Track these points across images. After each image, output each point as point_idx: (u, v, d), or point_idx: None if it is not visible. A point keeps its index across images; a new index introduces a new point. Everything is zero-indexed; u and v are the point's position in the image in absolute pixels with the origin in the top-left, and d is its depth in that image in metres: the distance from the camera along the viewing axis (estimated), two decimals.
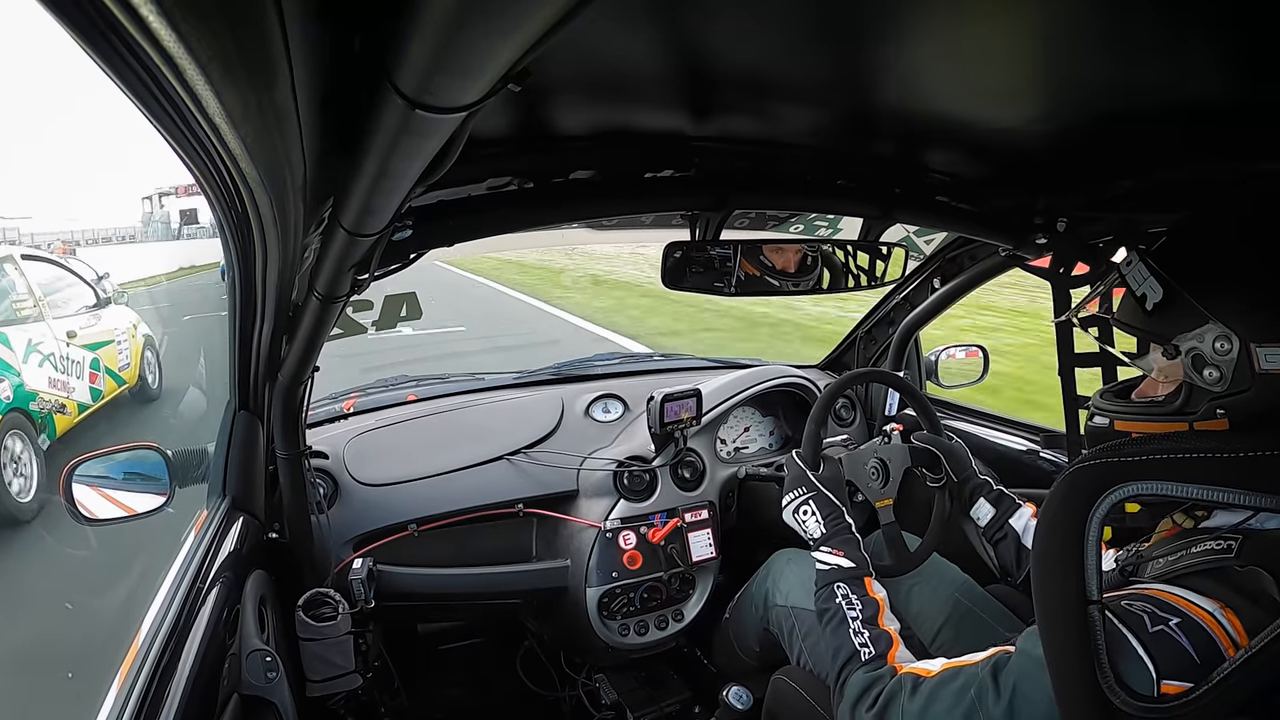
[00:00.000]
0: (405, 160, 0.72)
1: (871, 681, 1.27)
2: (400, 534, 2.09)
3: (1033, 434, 2.32)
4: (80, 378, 6.17)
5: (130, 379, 7.12)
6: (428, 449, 2.28)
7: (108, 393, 6.60)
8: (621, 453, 2.31)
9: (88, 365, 6.33)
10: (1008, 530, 1.61)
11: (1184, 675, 0.89)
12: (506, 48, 0.51)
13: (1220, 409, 1.06)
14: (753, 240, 1.48)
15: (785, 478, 1.67)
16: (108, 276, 8.82)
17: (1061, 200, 1.57)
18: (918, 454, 1.73)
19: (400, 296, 1.58)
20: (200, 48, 0.46)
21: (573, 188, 1.33)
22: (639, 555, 2.19)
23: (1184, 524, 1.11)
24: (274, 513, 1.84)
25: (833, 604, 1.42)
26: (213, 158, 0.72)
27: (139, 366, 7.31)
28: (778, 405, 2.74)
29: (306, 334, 1.40)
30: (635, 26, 0.85)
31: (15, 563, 4.58)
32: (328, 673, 1.73)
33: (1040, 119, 1.19)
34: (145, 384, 7.42)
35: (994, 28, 0.85)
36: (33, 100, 77.46)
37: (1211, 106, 1.07)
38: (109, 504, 1.52)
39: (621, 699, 2.28)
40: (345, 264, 1.09)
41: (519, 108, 1.09)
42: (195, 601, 1.31)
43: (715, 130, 1.29)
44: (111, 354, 6.77)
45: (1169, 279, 1.09)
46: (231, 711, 1.22)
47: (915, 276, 2.49)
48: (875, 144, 1.41)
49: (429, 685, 2.53)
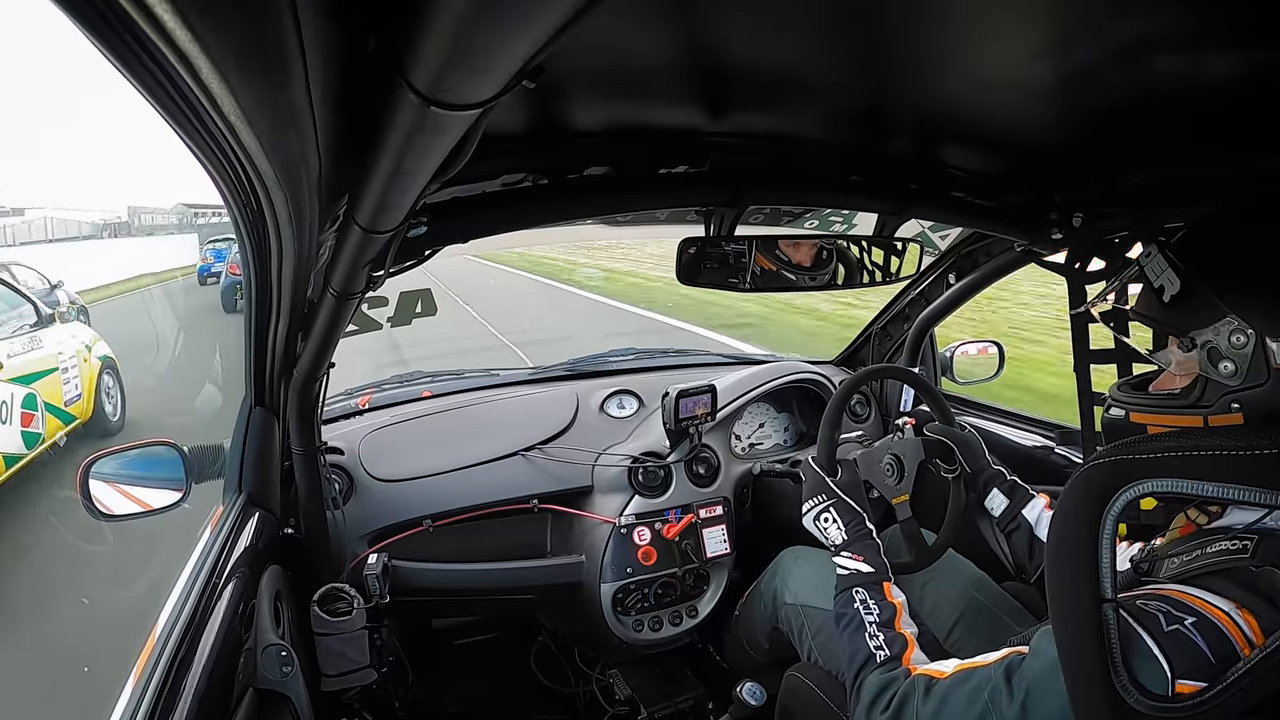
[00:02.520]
0: (420, 157, 0.72)
1: (886, 683, 1.27)
2: (415, 529, 2.10)
3: (1047, 430, 2.31)
4: (6, 423, 5.01)
5: (82, 413, 5.96)
6: (443, 445, 2.28)
7: (50, 434, 5.45)
8: (636, 448, 2.31)
9: (18, 405, 5.16)
10: (1021, 521, 1.61)
11: (1199, 675, 0.88)
12: (521, 44, 0.51)
13: (1235, 403, 1.05)
14: (768, 236, 1.47)
15: (803, 485, 1.66)
16: (61, 286, 7.98)
17: (1077, 195, 1.56)
18: (931, 446, 1.72)
19: (415, 293, 1.59)
20: (215, 46, 0.46)
21: (587, 184, 1.33)
22: (653, 551, 2.19)
23: (1198, 520, 1.10)
24: (289, 508, 1.85)
25: (850, 609, 1.42)
26: (228, 155, 0.72)
27: (93, 397, 6.15)
28: (792, 401, 2.73)
29: (322, 330, 1.41)
30: (649, 22, 0.85)
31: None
32: (343, 667, 1.74)
33: (1055, 114, 1.18)
34: (102, 415, 6.26)
35: (1010, 21, 0.84)
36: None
37: (1228, 102, 1.06)
38: (126, 500, 1.53)
39: (635, 694, 2.29)
40: (360, 261, 1.09)
41: (533, 104, 1.08)
42: (211, 596, 1.32)
43: (730, 126, 1.28)
44: (54, 385, 5.62)
45: (1187, 271, 1.08)
46: (247, 705, 1.22)
47: (930, 272, 2.47)
48: (890, 139, 1.40)
49: (443, 680, 2.55)
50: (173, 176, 30.61)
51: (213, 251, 17.66)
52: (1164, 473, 0.92)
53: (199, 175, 0.79)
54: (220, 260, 16.36)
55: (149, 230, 26.36)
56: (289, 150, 0.69)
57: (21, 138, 54.27)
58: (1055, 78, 1.02)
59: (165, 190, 35.43)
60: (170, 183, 30.55)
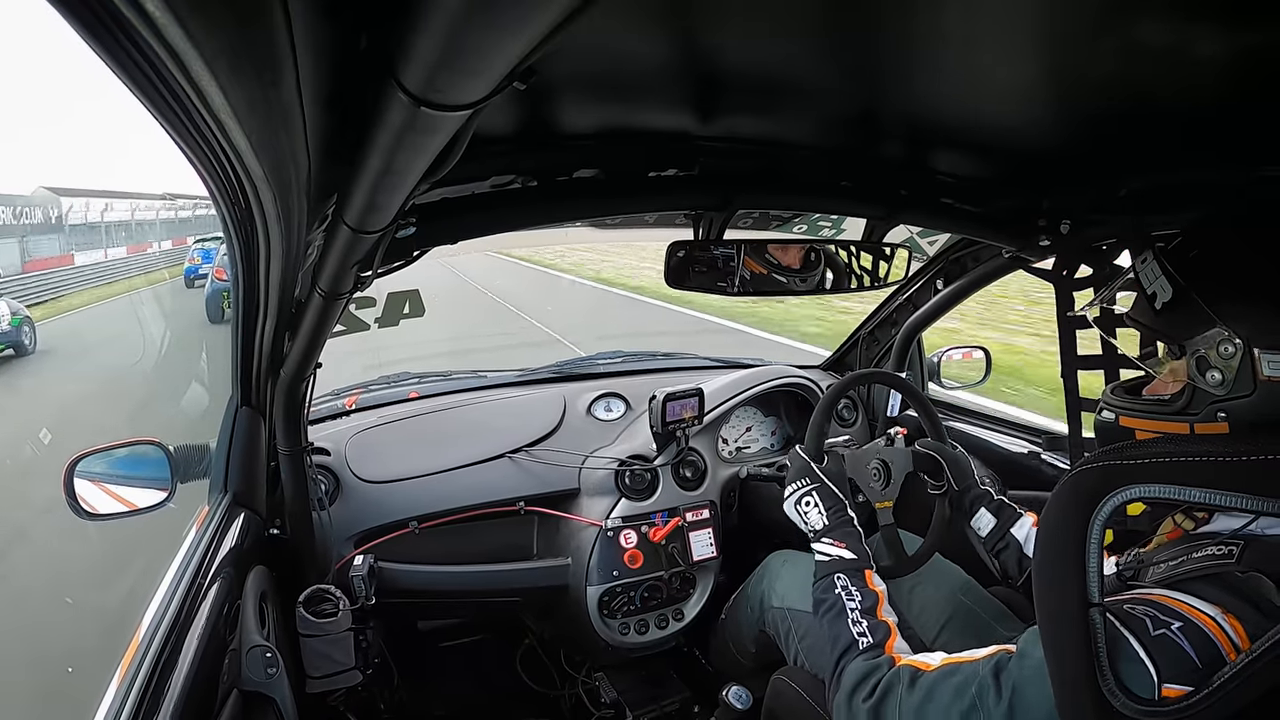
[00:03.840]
0: (409, 157, 0.72)
1: (869, 670, 1.26)
2: (401, 531, 2.09)
3: (1034, 436, 2.32)
4: None
5: None
6: (429, 446, 2.28)
7: None
8: (623, 451, 2.31)
9: None
10: (1010, 540, 1.61)
11: (1185, 679, 0.88)
12: (512, 46, 0.51)
13: (1221, 412, 1.06)
14: (756, 240, 1.48)
15: (788, 471, 1.67)
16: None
17: (1066, 202, 1.57)
18: (920, 459, 1.73)
19: (403, 294, 1.58)
20: (206, 43, 0.46)
21: (577, 186, 1.33)
22: (640, 554, 2.19)
23: (1185, 525, 1.11)
24: (275, 509, 1.84)
25: (831, 594, 1.42)
26: (217, 154, 0.72)
27: None
28: (780, 405, 2.74)
29: (309, 330, 1.40)
30: (641, 26, 0.85)
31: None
32: (328, 669, 1.74)
33: (1046, 120, 1.19)
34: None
35: (1001, 28, 0.84)
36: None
37: (1218, 109, 1.07)
38: (111, 499, 1.52)
39: (621, 697, 2.28)
40: (349, 261, 1.09)
41: (524, 106, 1.08)
42: (196, 597, 1.31)
43: (720, 130, 1.28)
44: None
45: (1179, 279, 1.09)
46: (231, 707, 1.22)
47: (919, 278, 2.48)
48: (880, 145, 1.41)
49: (429, 682, 2.53)
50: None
51: (201, 252, 16.93)
52: (1151, 478, 0.92)
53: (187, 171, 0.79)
54: (209, 261, 15.47)
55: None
56: (278, 149, 0.69)
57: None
58: (1046, 83, 1.03)
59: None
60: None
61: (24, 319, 11.86)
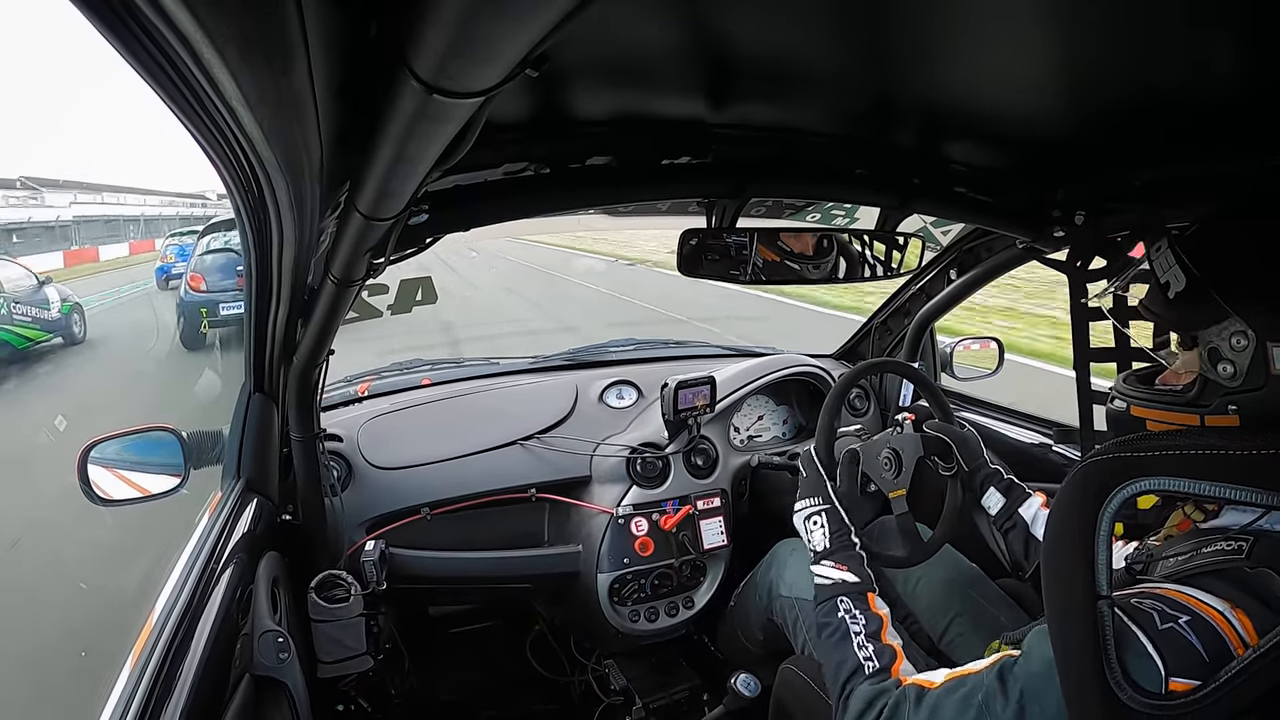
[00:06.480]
0: (422, 145, 0.72)
1: (876, 694, 1.26)
2: (413, 517, 2.11)
3: (1045, 428, 2.31)
4: None
5: None
6: (441, 433, 2.29)
7: None
8: (635, 439, 2.31)
9: None
10: (1017, 519, 1.61)
11: (1192, 673, 0.88)
12: (524, 32, 0.51)
13: (1232, 405, 1.05)
14: (769, 228, 1.47)
15: (801, 478, 1.66)
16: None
17: (1080, 192, 1.55)
18: (930, 442, 1.72)
19: (416, 281, 1.59)
20: (218, 31, 0.46)
21: (589, 173, 1.32)
22: (650, 542, 2.20)
23: (1194, 516, 1.11)
24: (288, 495, 1.85)
25: (835, 618, 1.41)
26: (230, 141, 0.72)
27: None
28: (792, 394, 2.73)
29: (322, 317, 1.41)
30: (654, 11, 0.84)
31: None
32: (339, 654, 1.75)
33: (1059, 110, 1.18)
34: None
35: (1016, 16, 0.83)
36: None
37: (1232, 99, 1.05)
38: (124, 485, 1.53)
39: (630, 685, 2.29)
40: (361, 248, 1.09)
41: (536, 93, 1.08)
42: (209, 582, 1.32)
43: (733, 117, 1.27)
44: None
45: (1194, 269, 1.08)
46: (243, 691, 1.23)
47: (932, 267, 2.47)
48: (894, 133, 1.40)
49: (439, 668, 2.56)
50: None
51: (175, 249, 15.07)
52: (1161, 470, 0.92)
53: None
54: (183, 259, 12.85)
55: None
56: (291, 136, 0.69)
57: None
58: (1060, 73, 1.02)
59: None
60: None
61: (74, 305, 11.49)
